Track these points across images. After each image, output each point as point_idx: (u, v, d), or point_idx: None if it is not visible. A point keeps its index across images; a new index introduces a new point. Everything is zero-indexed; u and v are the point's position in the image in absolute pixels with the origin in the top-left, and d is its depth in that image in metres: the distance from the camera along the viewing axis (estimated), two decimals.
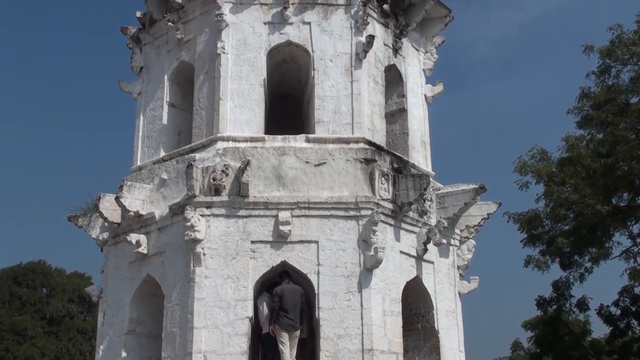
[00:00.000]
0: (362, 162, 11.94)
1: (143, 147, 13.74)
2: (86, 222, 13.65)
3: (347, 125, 12.51)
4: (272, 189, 11.71)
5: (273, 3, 13.05)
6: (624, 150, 20.05)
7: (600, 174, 20.60)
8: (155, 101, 13.85)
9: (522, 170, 22.30)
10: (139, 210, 12.22)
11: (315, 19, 13.04)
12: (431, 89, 14.74)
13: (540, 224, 22.50)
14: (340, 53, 12.90)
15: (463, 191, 12.91)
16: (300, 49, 13.07)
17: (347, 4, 13.12)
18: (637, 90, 21.41)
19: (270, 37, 12.97)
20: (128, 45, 14.67)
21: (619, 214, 21.36)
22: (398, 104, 14.06)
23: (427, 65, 14.74)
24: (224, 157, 11.81)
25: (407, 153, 13.62)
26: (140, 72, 14.39)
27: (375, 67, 13.23)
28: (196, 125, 12.87)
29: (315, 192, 11.70)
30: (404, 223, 12.21)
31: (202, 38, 13.20)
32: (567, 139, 22.04)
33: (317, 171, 11.85)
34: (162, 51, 13.95)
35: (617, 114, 20.61)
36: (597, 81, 22.26)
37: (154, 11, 13.98)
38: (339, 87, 12.72)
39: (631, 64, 21.65)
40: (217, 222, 11.48)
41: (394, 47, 13.86)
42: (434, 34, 14.79)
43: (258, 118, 12.59)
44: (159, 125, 13.64)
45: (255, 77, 12.76)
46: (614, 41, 21.68)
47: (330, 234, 11.51)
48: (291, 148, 12.03)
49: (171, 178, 12.30)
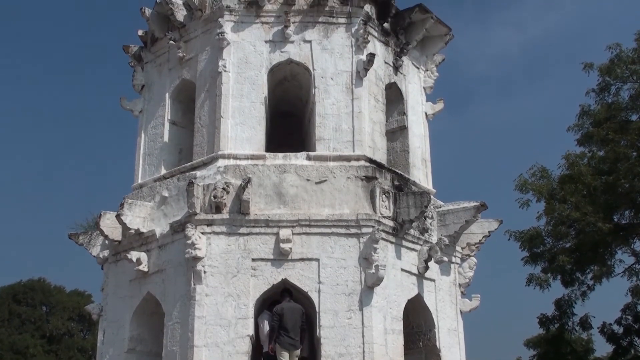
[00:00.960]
0: (363, 179, 11.95)
1: (144, 165, 13.76)
2: (87, 239, 13.63)
3: (348, 142, 12.54)
4: (273, 207, 11.70)
5: (274, 22, 13.13)
6: (625, 168, 20.05)
7: (602, 192, 20.59)
8: (156, 119, 13.90)
9: (522, 188, 22.28)
10: (140, 228, 12.21)
11: (316, 37, 13.12)
12: (432, 106, 14.79)
13: (542, 242, 22.43)
14: (341, 71, 12.96)
15: (464, 209, 12.91)
16: (301, 67, 13.13)
17: (347, 22, 13.21)
18: (637, 107, 21.46)
19: (271, 55, 13.04)
20: (130, 64, 14.76)
21: (621, 231, 21.32)
22: (399, 121, 14.10)
23: (428, 83, 14.80)
24: (225, 174, 11.82)
25: (408, 171, 13.63)
26: (141, 90, 14.44)
27: (376, 85, 13.29)
28: (197, 142, 12.90)
29: (316, 210, 11.69)
30: (405, 241, 12.19)
31: (203, 56, 13.27)
32: (568, 157, 22.04)
33: (318, 189, 11.85)
34: (164, 69, 14.02)
35: (617, 132, 20.63)
36: (597, 99, 22.32)
37: (155, 30, 14.07)
38: (340, 105, 12.77)
39: (631, 81, 21.72)
40: (218, 239, 11.47)
41: (395, 65, 13.93)
42: (434, 52, 14.86)
43: (259, 136, 12.62)
44: (160, 143, 13.67)
45: (256, 95, 12.81)
46: (613, 59, 21.77)
47: (331, 252, 11.48)
48: (292, 166, 12.05)
49: (172, 196, 12.31)
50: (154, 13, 13.95)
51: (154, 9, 13.93)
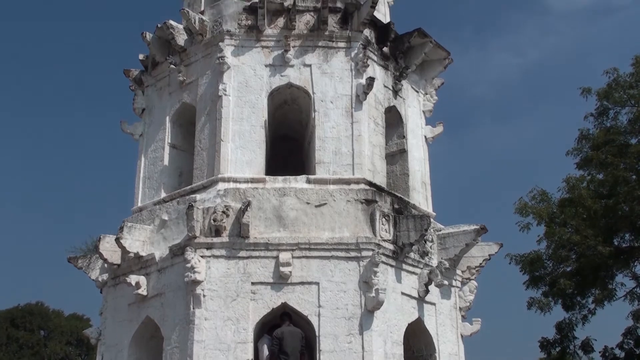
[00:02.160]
0: (362, 202, 11.95)
1: (144, 188, 13.77)
2: (86, 263, 13.59)
3: (347, 166, 12.56)
4: (273, 230, 11.68)
5: (274, 46, 13.23)
6: (625, 191, 20.06)
7: (602, 215, 20.57)
8: (156, 142, 13.93)
9: (522, 212, 22.27)
10: (139, 252, 12.18)
11: (316, 62, 13.20)
12: (431, 130, 14.83)
13: (542, 265, 22.36)
14: (340, 95, 13.02)
15: (464, 232, 12.89)
16: (301, 91, 13.20)
17: (347, 46, 13.30)
18: (636, 131, 21.53)
19: (271, 79, 13.11)
20: (130, 87, 14.84)
21: (622, 255, 21.26)
22: (398, 145, 14.13)
23: (427, 107, 14.86)
24: (225, 198, 11.82)
25: (408, 194, 13.63)
26: (142, 114, 14.50)
27: (376, 108, 13.34)
28: (197, 166, 12.92)
29: (316, 233, 11.67)
30: (405, 264, 12.15)
31: (204, 80, 13.34)
32: (568, 180, 22.06)
33: (318, 212, 11.84)
34: (164, 93, 14.09)
35: (616, 155, 20.68)
36: (596, 123, 22.41)
37: (156, 54, 14.16)
38: (340, 129, 12.81)
39: (629, 105, 21.82)
40: (218, 263, 11.43)
41: (394, 88, 14.00)
42: (433, 76, 14.94)
43: (259, 159, 12.64)
44: (160, 166, 13.69)
45: (256, 118, 12.85)
46: (611, 84, 21.90)
47: (331, 275, 11.44)
48: (292, 189, 12.05)
49: (172, 219, 12.29)
50: (155, 37, 14.06)
51: (155, 34, 14.03)
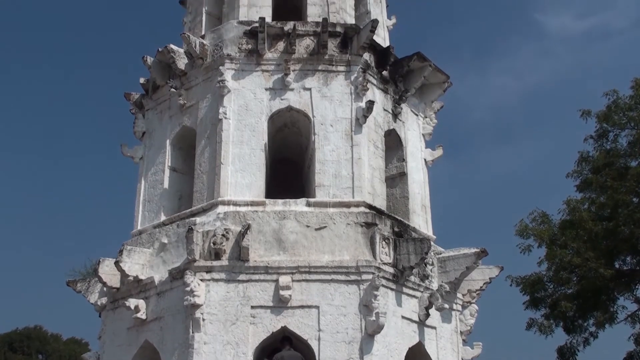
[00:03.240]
0: (362, 226, 11.93)
1: (144, 211, 13.77)
2: (85, 286, 13.54)
3: (347, 189, 12.56)
4: (273, 253, 11.65)
5: (274, 70, 13.30)
6: (625, 214, 20.03)
7: (602, 237, 20.52)
8: (156, 165, 13.96)
9: (523, 234, 22.19)
10: (139, 275, 12.14)
11: (316, 85, 13.26)
12: (431, 153, 14.86)
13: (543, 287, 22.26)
14: (340, 118, 13.07)
15: (464, 255, 12.85)
16: (301, 114, 13.25)
17: (347, 70, 13.38)
18: (636, 154, 21.54)
19: (271, 103, 13.17)
20: (131, 111, 14.91)
21: (623, 277, 21.18)
22: (398, 168, 14.15)
23: (427, 130, 14.90)
24: (225, 221, 11.81)
25: (408, 217, 13.62)
26: (142, 137, 14.54)
27: (375, 131, 13.38)
28: (197, 189, 12.92)
29: (316, 256, 11.64)
30: (406, 287, 12.10)
31: (204, 103, 13.40)
32: (568, 202, 22.02)
33: (318, 235, 11.82)
34: (165, 116, 14.14)
35: (616, 178, 20.67)
36: (596, 145, 22.41)
37: (157, 77, 14.24)
38: (340, 152, 12.84)
39: (628, 128, 21.86)
40: (217, 286, 11.38)
41: (394, 112, 14.05)
42: (432, 99, 15.00)
43: (259, 182, 12.65)
44: (160, 190, 13.70)
45: (256, 141, 12.89)
46: (610, 106, 21.95)
47: (331, 299, 11.38)
48: (292, 212, 12.04)
49: (171, 242, 12.27)
50: (156, 61, 14.14)
51: (156, 57, 14.12)
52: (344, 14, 14.64)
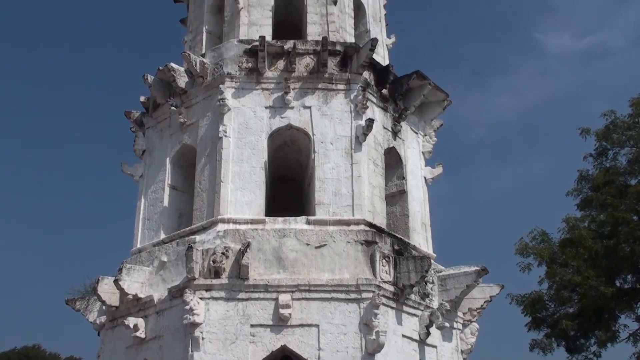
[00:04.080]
0: (362, 244, 11.91)
1: (143, 230, 13.75)
2: (84, 305, 13.48)
3: (347, 207, 12.55)
4: (273, 272, 11.62)
5: (274, 88, 13.36)
6: (625, 232, 20.00)
7: (603, 256, 20.47)
8: (156, 183, 13.96)
9: (523, 252, 22.16)
10: (138, 293, 12.10)
11: (316, 103, 13.31)
12: (431, 171, 14.88)
13: (544, 307, 22.17)
14: (340, 136, 13.10)
15: (465, 273, 12.82)
16: (301, 132, 13.28)
17: (346, 88, 13.43)
18: (635, 172, 21.57)
19: (271, 121, 13.20)
20: (131, 129, 14.95)
21: (624, 296, 21.10)
22: (398, 185, 14.15)
23: (426, 148, 14.93)
24: (225, 239, 11.79)
25: (408, 235, 13.60)
26: (142, 155, 14.57)
27: (375, 149, 13.40)
28: (197, 207, 12.92)
29: (315, 275, 11.60)
30: (406, 306, 12.05)
31: (204, 122, 13.44)
32: (568, 221, 22.01)
33: (318, 253, 11.80)
34: (165, 134, 14.18)
35: (616, 196, 20.68)
36: (595, 163, 22.46)
37: (157, 96, 14.29)
38: (340, 170, 12.85)
39: (628, 146, 21.91)
40: (217, 305, 11.33)
41: (393, 130, 14.09)
42: (432, 117, 15.05)
43: (259, 200, 12.65)
44: (159, 208, 13.70)
45: (256, 159, 12.90)
46: (609, 125, 22.02)
47: (331, 318, 11.33)
48: (292, 230, 12.03)
49: (171, 260, 12.24)
50: (156, 80, 14.20)
51: (156, 76, 14.18)
52: (343, 32, 14.74)
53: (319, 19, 14.68)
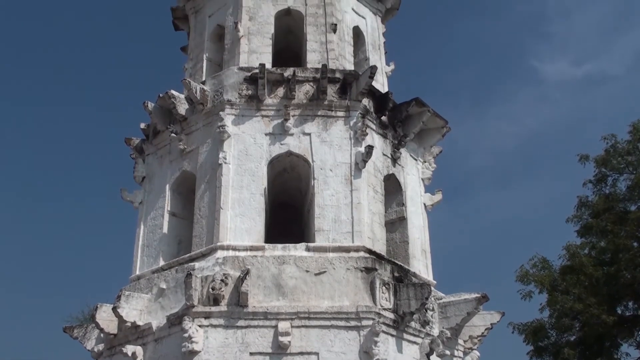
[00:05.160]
0: (362, 271, 11.86)
1: (142, 256, 13.71)
2: (82, 333, 13.39)
3: (347, 233, 12.53)
4: (272, 299, 11.56)
5: (274, 115, 13.41)
6: (626, 259, 19.95)
7: (604, 283, 20.40)
8: (156, 210, 13.95)
9: (524, 280, 22.07)
10: (136, 321, 12.02)
11: (315, 130, 13.36)
12: (430, 197, 14.88)
13: (546, 335, 22.02)
14: (340, 163, 13.12)
15: (465, 300, 12.75)
16: (301, 159, 13.31)
17: (346, 115, 13.48)
18: (635, 198, 21.58)
19: (271, 148, 13.23)
20: (131, 156, 14.98)
21: (626, 323, 20.97)
22: (398, 212, 14.14)
23: (426, 175, 14.95)
24: (224, 266, 11.75)
25: (408, 262, 13.56)
26: (142, 182, 14.58)
27: (375, 176, 13.42)
28: (196, 234, 12.89)
29: (315, 302, 11.54)
30: (406, 333, 11.97)
31: (204, 148, 13.47)
32: (568, 248, 21.95)
33: (318, 280, 11.75)
34: (165, 161, 14.20)
35: (616, 223, 20.66)
36: (595, 190, 22.48)
37: (157, 123, 14.34)
38: (339, 196, 12.85)
39: (627, 172, 21.94)
40: (216, 332, 11.25)
41: (393, 156, 14.12)
42: (431, 144, 15.09)
43: (258, 227, 12.63)
44: (159, 234, 13.67)
45: (256, 186, 12.91)
46: (608, 150, 22.08)
47: (330, 345, 11.24)
48: (291, 257, 11.99)
49: (170, 287, 12.18)
50: (157, 107, 14.27)
51: (157, 103, 14.26)
52: (343, 60, 14.85)
53: (319, 47, 14.81)
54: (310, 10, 15.22)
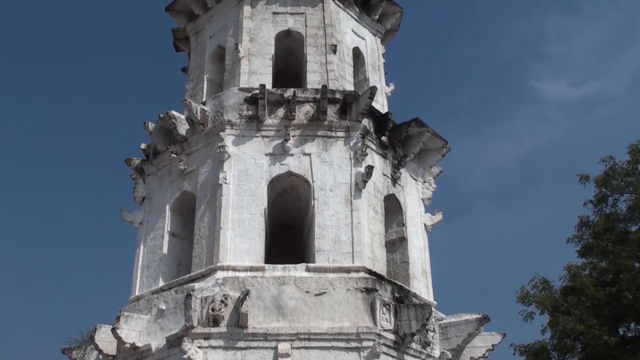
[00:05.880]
0: (363, 291, 11.82)
1: (142, 277, 13.66)
2: (81, 354, 13.32)
3: (347, 254, 12.50)
4: (272, 320, 11.50)
5: (274, 135, 13.44)
6: (628, 280, 19.88)
7: (605, 304, 20.30)
8: (156, 230, 13.93)
9: (524, 301, 21.97)
10: (136, 342, 11.94)
11: (316, 150, 13.38)
12: (430, 218, 14.86)
13: (548, 356, 21.87)
14: (340, 183, 13.13)
15: (466, 321, 12.69)
16: (301, 179, 13.31)
17: (346, 136, 13.52)
18: (635, 218, 21.55)
19: (271, 168, 13.25)
20: (131, 176, 14.99)
21: (628, 344, 20.84)
22: (398, 232, 14.12)
23: (426, 195, 14.94)
24: (224, 286, 11.70)
25: (408, 282, 13.51)
26: (142, 202, 14.57)
27: (375, 196, 13.42)
28: (196, 254, 12.86)
29: (315, 323, 11.48)
30: (407, 355, 11.88)
31: (204, 169, 13.49)
32: (569, 268, 21.88)
33: (318, 301, 11.70)
34: (165, 181, 14.21)
35: (617, 243, 20.61)
36: (595, 210, 22.45)
37: (158, 143, 14.37)
38: (339, 217, 12.84)
39: (627, 192, 21.94)
40: (215, 354, 11.18)
41: (393, 177, 14.13)
42: (431, 164, 15.11)
43: (258, 247, 12.60)
44: (159, 255, 13.64)
45: (256, 206, 12.90)
46: (608, 171, 22.10)
47: None
48: (291, 277, 11.95)
49: (169, 308, 12.13)
50: (157, 127, 14.31)
51: (157, 124, 14.29)
52: (343, 81, 14.92)
53: (319, 68, 14.88)
54: (310, 31, 15.33)
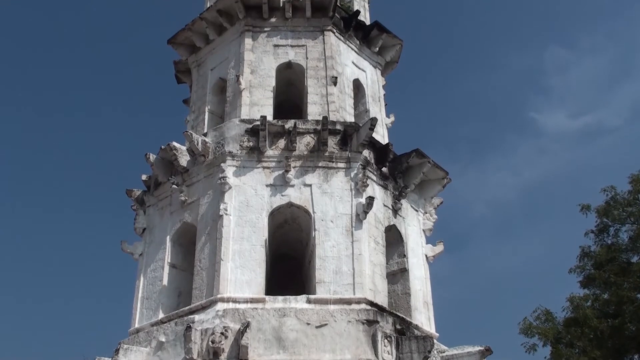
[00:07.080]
0: (364, 323, 11.73)
1: (142, 309, 13.57)
2: None
3: (348, 285, 12.43)
4: (272, 352, 11.39)
5: (275, 166, 13.47)
6: (630, 311, 19.74)
7: (608, 336, 20.13)
8: (156, 262, 13.88)
9: (527, 332, 21.79)
10: None
11: (316, 181, 13.39)
12: (432, 249, 14.81)
13: None
14: (340, 214, 13.11)
15: (468, 354, 12.57)
16: (302, 210, 13.30)
17: (347, 167, 13.54)
18: (637, 249, 21.47)
19: (272, 199, 13.24)
20: (132, 207, 14.97)
21: None
22: (399, 264, 14.06)
23: (427, 226, 14.91)
24: (224, 318, 11.61)
25: (410, 314, 13.41)
26: (142, 234, 14.54)
27: (376, 227, 13.39)
28: (196, 286, 12.79)
29: (316, 355, 11.37)
30: None
31: (205, 200, 13.48)
32: (572, 300, 21.74)
33: (319, 333, 11.60)
34: (166, 212, 14.19)
35: (619, 274, 20.52)
36: (596, 240, 22.38)
37: (159, 174, 14.39)
38: (340, 248, 12.79)
39: (629, 223, 21.89)
40: None
41: (394, 208, 14.11)
42: (432, 195, 15.10)
43: (259, 279, 12.54)
44: (159, 286, 13.56)
45: (256, 237, 12.87)
46: (609, 202, 22.08)
47: None
48: (292, 309, 11.87)
49: (169, 341, 12.02)
50: (158, 158, 14.34)
51: (159, 155, 14.33)
52: (343, 112, 14.99)
53: (319, 99, 14.98)
54: (311, 63, 15.46)
